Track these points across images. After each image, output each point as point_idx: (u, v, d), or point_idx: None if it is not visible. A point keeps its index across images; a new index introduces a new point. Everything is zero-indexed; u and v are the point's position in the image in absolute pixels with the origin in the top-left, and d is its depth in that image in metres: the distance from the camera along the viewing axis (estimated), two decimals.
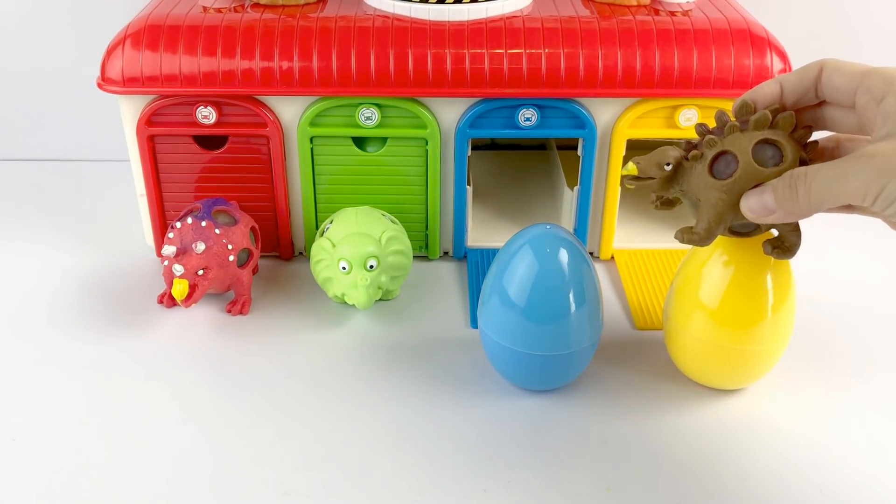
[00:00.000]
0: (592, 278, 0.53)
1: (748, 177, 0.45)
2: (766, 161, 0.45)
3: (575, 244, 0.52)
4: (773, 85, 0.46)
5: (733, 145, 0.46)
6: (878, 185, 0.40)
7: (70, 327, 0.61)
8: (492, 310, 0.53)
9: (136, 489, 0.48)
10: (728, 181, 0.46)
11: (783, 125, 0.46)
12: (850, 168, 0.41)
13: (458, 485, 0.49)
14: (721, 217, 0.47)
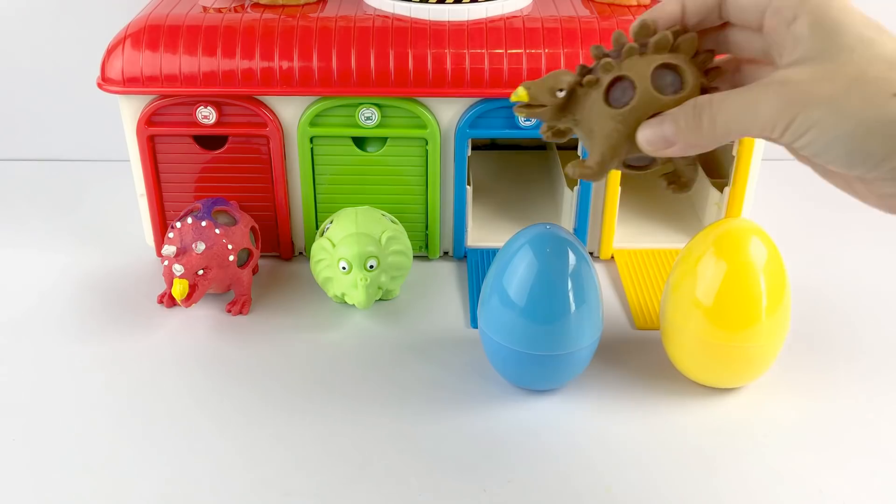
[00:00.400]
0: (592, 278, 0.53)
1: (646, 105, 0.41)
2: (666, 88, 0.42)
3: (575, 244, 0.52)
4: (674, 3, 0.42)
5: (631, 70, 0.42)
6: (788, 115, 0.36)
7: (70, 327, 0.62)
8: (492, 310, 0.53)
9: (137, 489, 0.49)
10: (624, 110, 0.42)
11: (685, 48, 0.42)
12: (760, 96, 0.37)
13: (458, 485, 0.49)
14: (616, 149, 0.43)
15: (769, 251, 0.52)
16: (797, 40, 0.38)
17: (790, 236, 0.62)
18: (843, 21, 0.37)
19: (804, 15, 0.37)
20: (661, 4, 0.43)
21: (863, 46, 0.36)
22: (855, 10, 0.38)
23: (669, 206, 0.76)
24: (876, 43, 0.36)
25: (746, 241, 0.52)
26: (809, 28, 0.37)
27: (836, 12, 0.37)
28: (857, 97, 0.35)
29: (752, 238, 0.52)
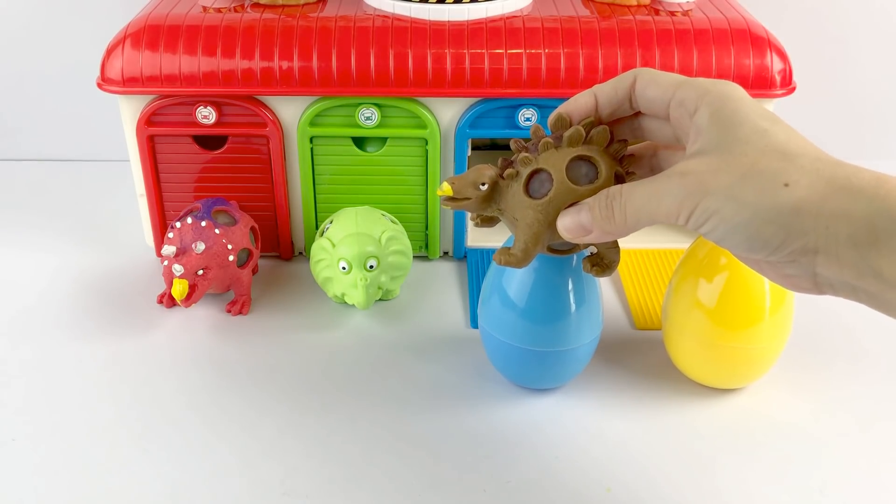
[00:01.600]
0: (592, 278, 0.53)
1: (563, 196, 0.44)
2: (581, 179, 0.44)
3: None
4: (587, 96, 0.45)
5: (547, 163, 0.44)
6: (689, 204, 0.38)
7: (70, 327, 0.61)
8: (492, 310, 0.53)
9: (137, 489, 0.48)
10: (543, 200, 0.44)
11: (597, 140, 0.44)
12: (664, 187, 0.39)
13: (458, 485, 0.49)
14: (538, 237, 0.45)
15: None
16: (698, 131, 0.40)
17: None
18: (740, 112, 0.39)
19: (704, 107, 0.40)
20: (575, 97, 0.45)
21: (757, 137, 0.38)
22: (751, 102, 0.40)
23: None
24: (769, 133, 0.38)
25: None
26: (709, 119, 0.39)
27: (734, 104, 0.39)
28: (752, 187, 0.37)
29: None
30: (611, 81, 0.45)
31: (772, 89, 0.62)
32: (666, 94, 0.42)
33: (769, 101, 0.63)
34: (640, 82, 0.43)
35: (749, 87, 0.62)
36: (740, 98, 0.40)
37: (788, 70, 0.63)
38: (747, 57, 0.62)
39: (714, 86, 0.41)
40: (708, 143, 0.39)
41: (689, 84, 0.41)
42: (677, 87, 0.42)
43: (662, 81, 0.42)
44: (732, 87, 0.41)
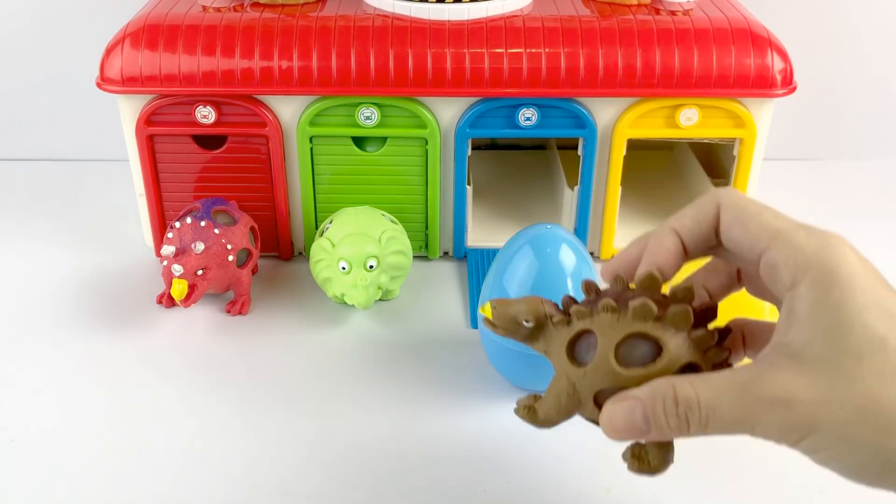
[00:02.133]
0: (593, 278, 0.52)
1: (601, 375, 0.36)
2: (634, 361, 0.36)
3: (575, 244, 0.52)
4: (669, 238, 0.37)
5: (601, 329, 0.36)
6: (795, 436, 0.32)
7: (69, 327, 0.61)
8: None
9: (137, 489, 0.48)
10: (580, 371, 0.37)
11: (675, 321, 0.35)
12: (759, 415, 0.33)
13: (458, 485, 0.49)
14: (565, 411, 0.38)
15: None
16: (795, 319, 0.33)
17: None
18: (850, 306, 0.31)
19: (804, 289, 0.32)
20: (657, 239, 0.37)
21: (871, 351, 0.31)
22: (864, 285, 0.32)
23: (669, 207, 0.75)
24: (887, 346, 0.31)
25: None
26: (809, 310, 0.32)
27: (842, 291, 0.32)
28: (871, 427, 0.31)
29: None
30: (690, 211, 0.37)
31: (772, 89, 0.62)
32: (755, 246, 0.34)
33: (769, 100, 0.63)
34: (724, 218, 0.36)
35: (749, 86, 0.62)
36: (850, 279, 0.32)
37: (789, 70, 0.63)
38: (748, 56, 0.62)
39: (818, 254, 0.32)
40: (809, 347, 0.32)
41: (784, 241, 0.33)
42: (770, 242, 0.34)
43: (752, 225, 0.34)
44: (840, 257, 0.32)
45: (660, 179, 0.80)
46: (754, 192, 0.67)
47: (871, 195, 0.82)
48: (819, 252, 0.32)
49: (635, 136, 0.64)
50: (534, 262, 0.51)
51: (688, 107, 0.63)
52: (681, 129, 0.64)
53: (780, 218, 0.34)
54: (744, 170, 0.66)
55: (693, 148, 0.79)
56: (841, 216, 0.77)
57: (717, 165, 0.75)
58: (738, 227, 0.35)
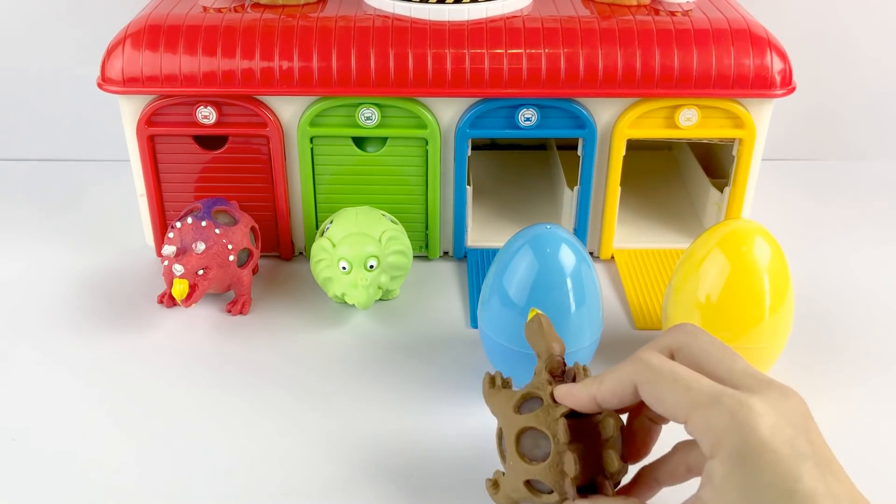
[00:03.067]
0: (592, 278, 0.53)
1: (514, 468, 0.42)
2: (528, 452, 0.42)
3: (575, 244, 0.52)
4: (584, 395, 0.42)
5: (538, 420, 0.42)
6: None
7: (70, 327, 0.61)
8: (492, 310, 0.53)
9: (137, 489, 0.48)
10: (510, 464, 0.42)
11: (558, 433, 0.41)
12: None
13: (458, 485, 0.49)
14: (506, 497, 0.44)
15: (773, 252, 0.52)
16: (711, 485, 0.36)
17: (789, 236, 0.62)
18: (763, 467, 0.35)
19: (718, 462, 0.36)
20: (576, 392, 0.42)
21: None
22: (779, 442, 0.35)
23: (669, 207, 0.76)
24: (795, 497, 0.34)
25: (751, 241, 0.52)
26: (722, 482, 0.36)
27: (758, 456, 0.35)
28: None
29: (757, 238, 0.52)
30: (610, 385, 0.41)
31: (771, 89, 0.62)
32: (676, 418, 0.38)
33: (769, 101, 0.63)
34: (643, 396, 0.40)
35: (749, 87, 0.62)
36: (757, 456, 0.35)
37: (788, 70, 0.63)
38: (747, 57, 0.62)
39: (727, 433, 0.35)
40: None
41: (699, 419, 0.37)
42: (687, 417, 0.37)
43: (668, 405, 0.38)
44: (748, 432, 0.35)
45: (659, 179, 0.80)
46: (754, 192, 0.67)
47: (871, 195, 0.82)
48: (728, 430, 0.36)
49: (635, 137, 0.64)
50: (534, 262, 0.51)
51: (687, 107, 0.63)
52: (680, 130, 0.64)
53: (693, 390, 0.37)
54: (743, 170, 0.66)
55: (692, 148, 0.79)
56: (840, 216, 0.78)
57: (717, 165, 0.75)
58: (657, 405, 0.39)
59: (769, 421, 0.36)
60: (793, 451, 0.35)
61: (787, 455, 0.35)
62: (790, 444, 0.35)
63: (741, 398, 0.36)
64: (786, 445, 0.35)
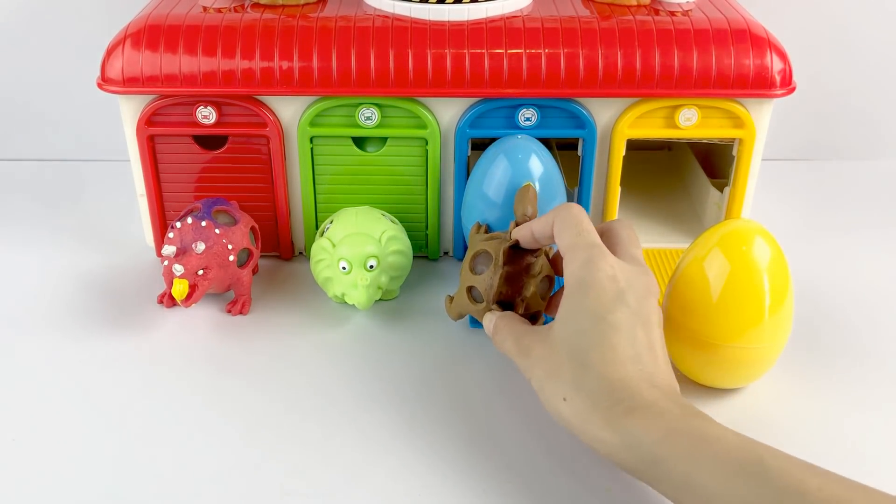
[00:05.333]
0: (559, 177, 0.61)
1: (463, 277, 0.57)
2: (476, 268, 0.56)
3: (543, 152, 0.60)
4: (525, 231, 0.53)
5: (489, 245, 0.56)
6: (528, 375, 0.49)
7: (70, 327, 0.61)
8: (473, 207, 0.61)
9: (136, 489, 0.49)
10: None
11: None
12: (517, 359, 0.50)
13: (458, 485, 0.49)
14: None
15: (773, 252, 0.52)
16: (560, 311, 0.48)
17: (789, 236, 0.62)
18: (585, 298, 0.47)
19: (567, 294, 0.48)
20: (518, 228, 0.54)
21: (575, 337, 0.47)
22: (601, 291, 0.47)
23: (669, 207, 0.76)
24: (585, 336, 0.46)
25: (751, 241, 0.52)
26: (562, 306, 0.48)
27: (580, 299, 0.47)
28: (550, 388, 0.47)
29: (757, 238, 0.52)
30: (542, 222, 0.52)
31: (772, 89, 0.62)
32: (563, 251, 0.49)
33: (769, 101, 0.63)
34: (554, 230, 0.51)
35: (748, 87, 0.62)
36: (600, 279, 0.46)
37: (788, 70, 0.63)
38: (747, 57, 0.62)
39: (589, 260, 0.47)
40: (556, 325, 0.48)
41: (567, 258, 0.49)
42: (566, 251, 0.49)
43: (562, 239, 0.50)
44: (603, 264, 0.47)
45: (659, 179, 0.80)
46: (754, 192, 0.67)
47: (871, 195, 0.82)
48: (580, 267, 0.47)
49: (635, 137, 0.64)
50: (508, 168, 0.59)
51: (687, 107, 0.63)
52: (680, 130, 0.64)
53: (581, 236, 0.49)
54: (743, 170, 0.66)
55: (692, 148, 0.79)
56: (840, 216, 0.78)
57: (717, 165, 0.75)
58: (557, 239, 0.50)
59: (611, 272, 0.47)
60: (617, 296, 0.46)
61: (612, 296, 0.46)
62: (618, 291, 0.46)
63: (606, 253, 0.48)
64: (613, 290, 0.46)
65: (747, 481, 0.39)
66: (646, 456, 0.42)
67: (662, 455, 0.42)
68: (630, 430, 0.43)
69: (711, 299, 0.52)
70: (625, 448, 0.43)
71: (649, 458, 0.42)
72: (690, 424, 0.42)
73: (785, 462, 0.40)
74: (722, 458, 0.40)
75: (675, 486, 0.41)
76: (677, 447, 0.41)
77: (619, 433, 0.43)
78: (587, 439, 0.45)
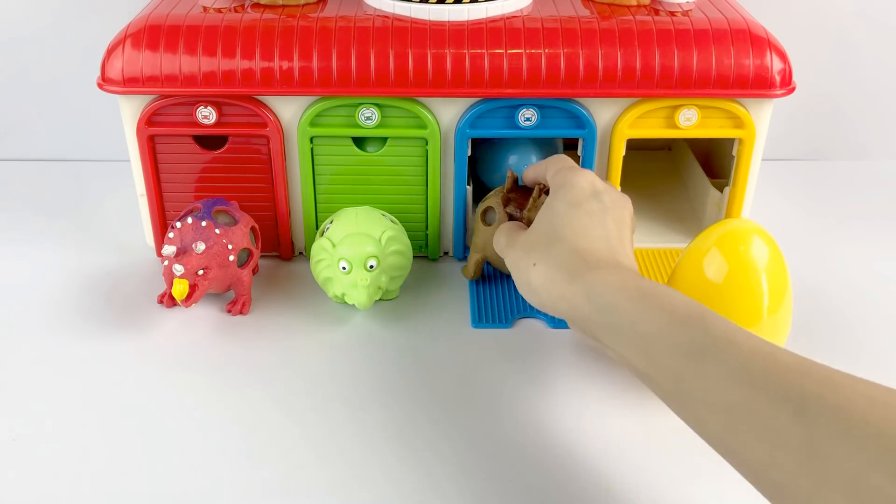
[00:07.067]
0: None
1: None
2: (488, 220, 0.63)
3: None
4: (526, 171, 0.61)
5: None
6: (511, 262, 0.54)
7: (70, 327, 0.62)
8: None
9: (136, 489, 0.49)
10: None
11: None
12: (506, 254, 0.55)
13: (458, 485, 0.49)
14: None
15: (771, 251, 0.52)
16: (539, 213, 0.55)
17: (789, 236, 0.62)
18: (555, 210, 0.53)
19: (550, 198, 0.54)
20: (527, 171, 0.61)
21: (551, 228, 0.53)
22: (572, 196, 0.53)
23: (669, 206, 0.76)
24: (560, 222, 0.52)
25: (749, 241, 0.52)
26: (544, 209, 0.54)
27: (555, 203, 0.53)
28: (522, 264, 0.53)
29: (755, 238, 0.52)
30: (540, 165, 0.59)
31: (772, 89, 0.62)
32: (549, 175, 0.56)
33: (769, 101, 0.63)
34: (547, 167, 0.57)
35: (748, 87, 0.62)
36: (579, 183, 0.53)
37: (788, 70, 0.63)
38: (747, 57, 0.62)
39: (572, 172, 0.54)
40: (535, 225, 0.54)
41: (563, 172, 0.55)
42: (555, 174, 0.55)
43: (551, 171, 0.56)
44: (582, 179, 0.53)
45: (659, 179, 0.80)
46: (754, 192, 0.67)
47: (871, 195, 0.82)
48: (566, 178, 0.54)
49: (635, 137, 0.64)
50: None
51: (687, 107, 0.63)
52: (680, 130, 0.64)
53: (558, 166, 0.56)
54: (743, 170, 0.66)
55: (692, 148, 0.79)
56: (840, 216, 0.78)
57: (717, 165, 0.75)
58: (549, 175, 0.57)
59: (591, 179, 0.54)
60: (593, 194, 0.53)
61: (588, 193, 0.53)
62: (594, 191, 0.53)
63: (587, 171, 0.55)
64: (590, 190, 0.53)
65: (686, 329, 0.42)
66: (599, 303, 0.46)
67: (614, 302, 0.46)
68: (590, 282, 0.47)
69: (710, 299, 0.52)
70: (583, 298, 0.47)
71: (603, 306, 0.46)
72: (644, 282, 0.47)
73: (723, 320, 0.43)
74: (668, 310, 0.44)
75: (623, 334, 0.45)
76: (629, 296, 0.45)
77: (580, 284, 0.48)
78: (551, 299, 0.50)
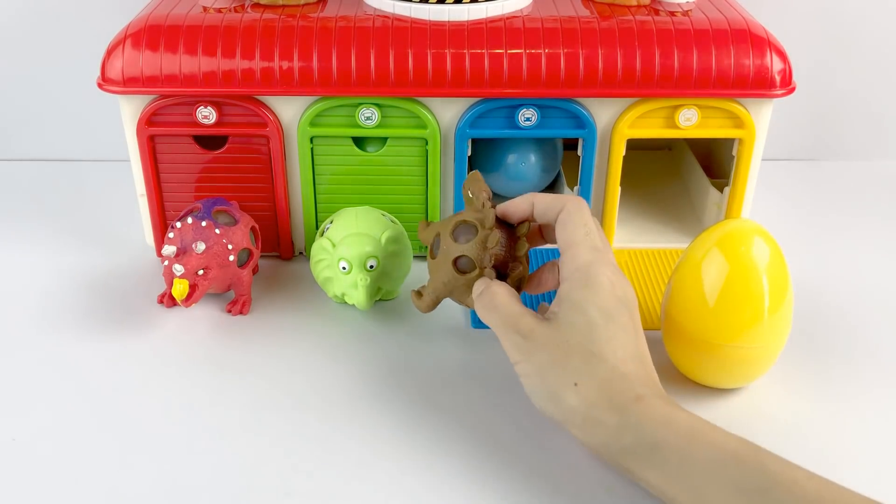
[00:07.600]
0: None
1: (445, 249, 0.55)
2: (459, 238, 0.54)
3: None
4: (526, 205, 0.53)
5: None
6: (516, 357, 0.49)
7: (70, 327, 0.62)
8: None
9: (136, 489, 0.49)
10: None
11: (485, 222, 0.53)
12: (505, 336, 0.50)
13: (458, 485, 0.49)
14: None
15: (772, 251, 0.52)
16: (558, 299, 0.50)
17: (789, 236, 0.62)
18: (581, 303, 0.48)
19: (567, 285, 0.49)
20: (515, 200, 0.54)
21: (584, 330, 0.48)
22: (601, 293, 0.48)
23: (669, 207, 0.76)
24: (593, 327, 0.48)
25: (749, 241, 0.52)
26: (564, 298, 0.49)
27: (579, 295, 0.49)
28: (553, 376, 0.48)
29: (755, 238, 0.52)
30: (548, 201, 0.52)
31: (772, 89, 0.62)
32: (565, 243, 0.51)
33: (768, 101, 0.63)
34: (561, 216, 0.51)
35: (748, 87, 0.62)
36: (601, 280, 0.48)
37: (788, 70, 0.63)
38: (747, 57, 0.62)
39: (591, 264, 0.49)
40: (555, 316, 0.49)
41: (570, 253, 0.50)
42: (565, 249, 0.50)
43: (569, 231, 0.51)
44: (603, 270, 0.49)
45: (659, 179, 0.80)
46: (754, 192, 0.67)
47: (871, 195, 0.82)
48: (586, 267, 0.49)
49: (635, 137, 0.64)
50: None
51: (687, 107, 0.63)
52: (680, 130, 0.64)
53: (588, 236, 0.50)
54: (743, 170, 0.66)
55: (692, 148, 0.79)
56: (840, 216, 0.78)
57: (717, 165, 0.75)
58: (561, 228, 0.51)
59: (612, 278, 0.49)
60: (621, 302, 0.49)
61: (615, 301, 0.49)
62: (619, 299, 0.49)
63: (605, 261, 0.50)
64: (615, 297, 0.49)
65: (740, 466, 0.41)
66: (646, 439, 0.45)
67: (662, 438, 0.44)
68: (635, 413, 0.45)
69: (710, 299, 0.52)
70: (628, 430, 0.45)
71: (649, 441, 0.44)
72: (687, 415, 0.45)
73: (779, 458, 0.42)
74: (719, 446, 0.43)
75: (670, 469, 0.44)
76: (677, 431, 0.44)
77: (624, 415, 0.45)
78: (587, 423, 0.47)
